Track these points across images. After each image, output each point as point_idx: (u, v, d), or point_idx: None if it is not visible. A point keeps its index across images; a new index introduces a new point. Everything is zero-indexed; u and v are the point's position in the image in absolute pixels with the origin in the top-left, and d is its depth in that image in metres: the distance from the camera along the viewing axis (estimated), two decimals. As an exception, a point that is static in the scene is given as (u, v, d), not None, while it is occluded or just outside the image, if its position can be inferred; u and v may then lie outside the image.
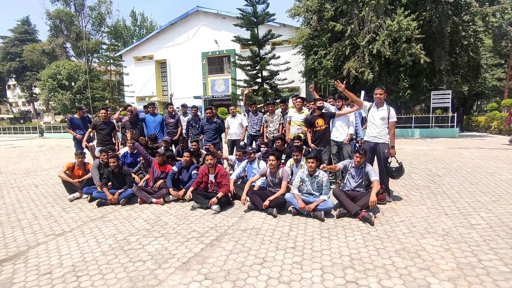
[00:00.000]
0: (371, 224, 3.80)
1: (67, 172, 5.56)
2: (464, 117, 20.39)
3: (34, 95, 40.20)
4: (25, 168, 8.97)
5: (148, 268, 2.91)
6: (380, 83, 16.72)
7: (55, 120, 36.78)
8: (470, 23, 16.19)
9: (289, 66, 18.37)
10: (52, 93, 29.17)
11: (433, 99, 17.10)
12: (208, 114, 6.62)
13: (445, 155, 9.01)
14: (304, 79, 20.47)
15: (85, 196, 5.36)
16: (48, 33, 37.23)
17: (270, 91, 17.68)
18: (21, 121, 36.14)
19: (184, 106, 7.66)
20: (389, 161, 4.72)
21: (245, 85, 18.71)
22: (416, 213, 4.16)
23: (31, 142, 20.31)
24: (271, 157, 4.65)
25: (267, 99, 16.56)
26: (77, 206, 5.02)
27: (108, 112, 6.69)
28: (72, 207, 4.95)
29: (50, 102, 31.69)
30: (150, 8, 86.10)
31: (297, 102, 6.14)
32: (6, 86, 48.00)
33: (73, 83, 30.03)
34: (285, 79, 18.23)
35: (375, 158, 4.82)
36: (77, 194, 5.40)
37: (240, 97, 18.99)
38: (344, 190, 4.52)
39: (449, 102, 16.94)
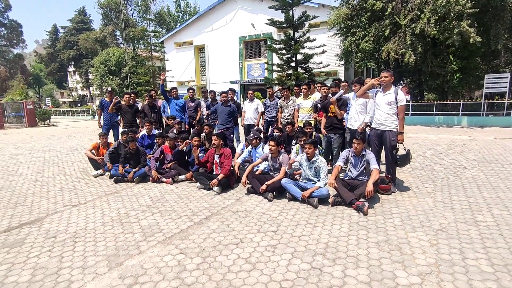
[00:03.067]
0: (364, 214, 3.67)
1: (93, 151, 6.14)
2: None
3: (89, 81, 44.06)
4: (70, 147, 10.04)
5: (135, 240, 3.19)
6: (424, 66, 15.39)
7: (107, 103, 40.03)
8: (538, -6, 13.90)
9: (325, 49, 17.65)
10: (103, 79, 31.63)
11: (487, 83, 15.21)
12: (224, 98, 6.74)
13: (485, 146, 8.13)
14: (341, 62, 19.53)
15: (107, 173, 5.89)
16: (101, 21, 40.12)
17: (304, 75, 17.22)
18: (78, 104, 40.06)
19: (204, 91, 7.89)
20: (397, 147, 4.45)
21: (279, 69, 18.46)
22: (418, 206, 3.91)
23: (83, 123, 22.48)
24: (271, 142, 4.66)
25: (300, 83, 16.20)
26: (98, 181, 5.57)
27: (132, 96, 7.17)
28: (93, 182, 5.51)
29: (102, 87, 34.54)
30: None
31: (303, 88, 6.00)
32: (67, 73, 53.09)
33: (121, 69, 32.21)
34: (321, 62, 17.59)
35: (383, 146, 4.56)
36: (100, 171, 5.97)
37: (275, 82, 18.78)
38: (345, 179, 4.38)
39: (506, 87, 14.97)
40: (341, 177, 4.42)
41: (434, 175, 5.39)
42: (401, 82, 21.92)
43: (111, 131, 7.36)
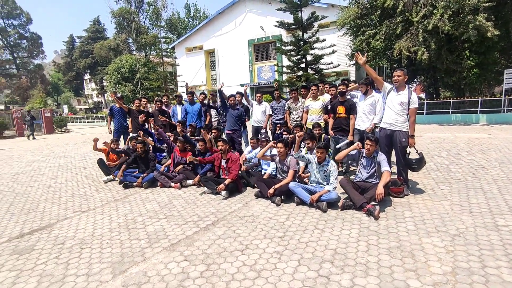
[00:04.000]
0: (375, 218, 3.52)
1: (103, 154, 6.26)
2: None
3: (104, 87, 45.23)
4: (84, 153, 10.26)
5: (140, 246, 3.17)
6: (439, 63, 14.93)
7: (121, 109, 41.09)
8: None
9: (335, 49, 17.45)
10: (117, 85, 32.34)
11: (507, 78, 14.63)
12: (232, 102, 6.70)
13: (506, 144, 7.76)
14: (352, 62, 19.23)
15: (117, 178, 5.95)
16: (114, 30, 41.20)
17: (314, 76, 17.05)
18: (94, 111, 41.11)
19: (213, 95, 7.88)
20: (407, 151, 4.26)
21: (289, 71, 18.34)
22: (433, 209, 3.73)
23: (98, 129, 23.00)
24: (279, 145, 4.58)
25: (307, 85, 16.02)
26: (108, 187, 5.63)
27: (142, 102, 7.26)
28: (104, 188, 5.56)
29: (116, 93, 35.37)
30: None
31: (312, 89, 5.89)
32: (83, 80, 54.69)
33: (134, 75, 32.86)
34: (331, 63, 17.39)
35: (393, 148, 4.39)
36: (111, 177, 6.03)
37: (285, 84, 18.67)
38: (355, 181, 4.24)
39: (528, 82, 14.32)
40: (352, 179, 4.29)
41: (450, 176, 5.16)
42: (415, 80, 21.36)
43: (121, 136, 7.48)
